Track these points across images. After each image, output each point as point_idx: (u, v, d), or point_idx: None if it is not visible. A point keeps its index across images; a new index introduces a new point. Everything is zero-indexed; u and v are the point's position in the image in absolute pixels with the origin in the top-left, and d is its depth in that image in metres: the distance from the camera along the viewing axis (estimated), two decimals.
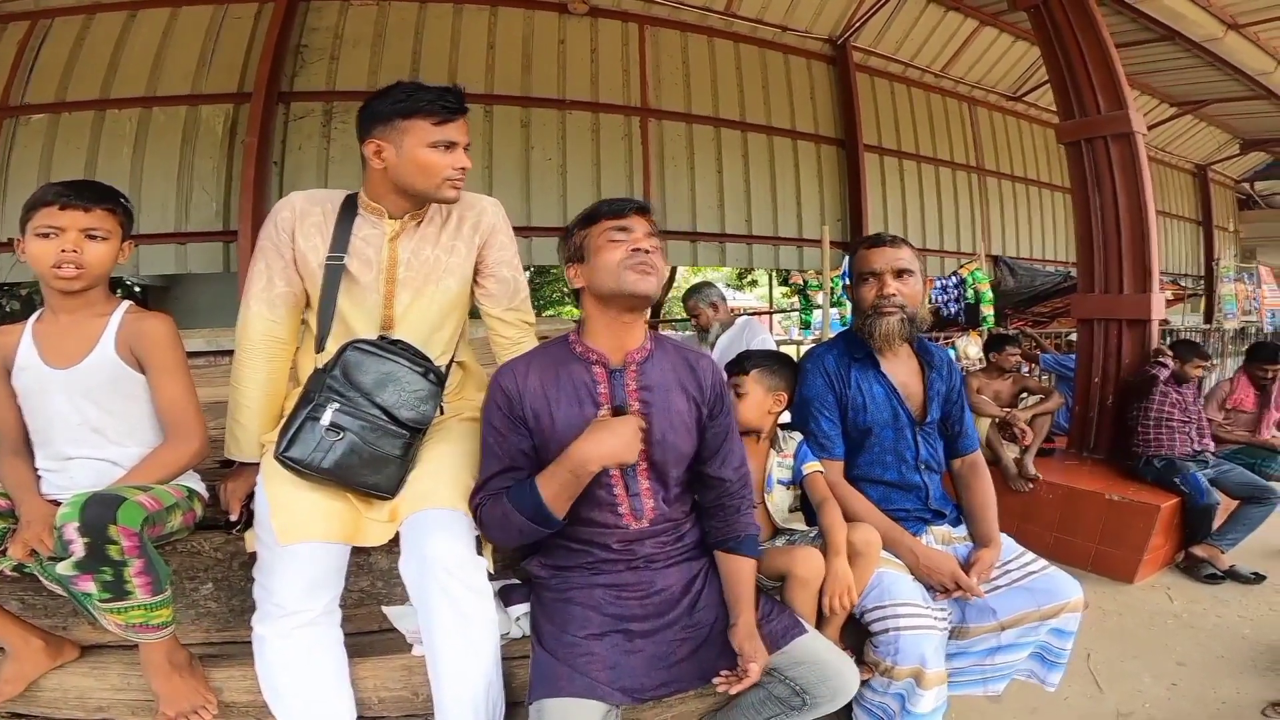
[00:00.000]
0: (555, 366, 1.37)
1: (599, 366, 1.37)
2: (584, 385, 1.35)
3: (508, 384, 1.36)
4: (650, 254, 1.31)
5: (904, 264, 1.74)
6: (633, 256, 1.30)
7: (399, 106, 1.39)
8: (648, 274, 1.30)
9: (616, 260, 1.30)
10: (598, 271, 1.33)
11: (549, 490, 1.27)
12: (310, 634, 1.30)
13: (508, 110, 6.44)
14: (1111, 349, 3.78)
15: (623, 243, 1.32)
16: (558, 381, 1.36)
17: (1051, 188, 9.96)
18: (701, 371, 1.42)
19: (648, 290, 1.30)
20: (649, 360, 1.39)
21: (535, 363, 1.39)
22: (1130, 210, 3.72)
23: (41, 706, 1.40)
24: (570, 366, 1.37)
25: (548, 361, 1.39)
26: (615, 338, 1.37)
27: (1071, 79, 3.85)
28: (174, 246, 5.64)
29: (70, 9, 5.46)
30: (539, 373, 1.37)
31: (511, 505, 1.29)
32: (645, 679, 1.27)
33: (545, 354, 1.41)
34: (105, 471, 1.40)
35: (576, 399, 1.34)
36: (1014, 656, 1.66)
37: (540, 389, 1.35)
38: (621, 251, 1.31)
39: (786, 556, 1.55)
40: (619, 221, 1.33)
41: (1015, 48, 8.43)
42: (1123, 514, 3.16)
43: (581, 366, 1.37)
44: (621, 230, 1.33)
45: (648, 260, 1.30)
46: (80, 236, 1.34)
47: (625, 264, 1.30)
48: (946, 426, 1.87)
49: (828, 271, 6.64)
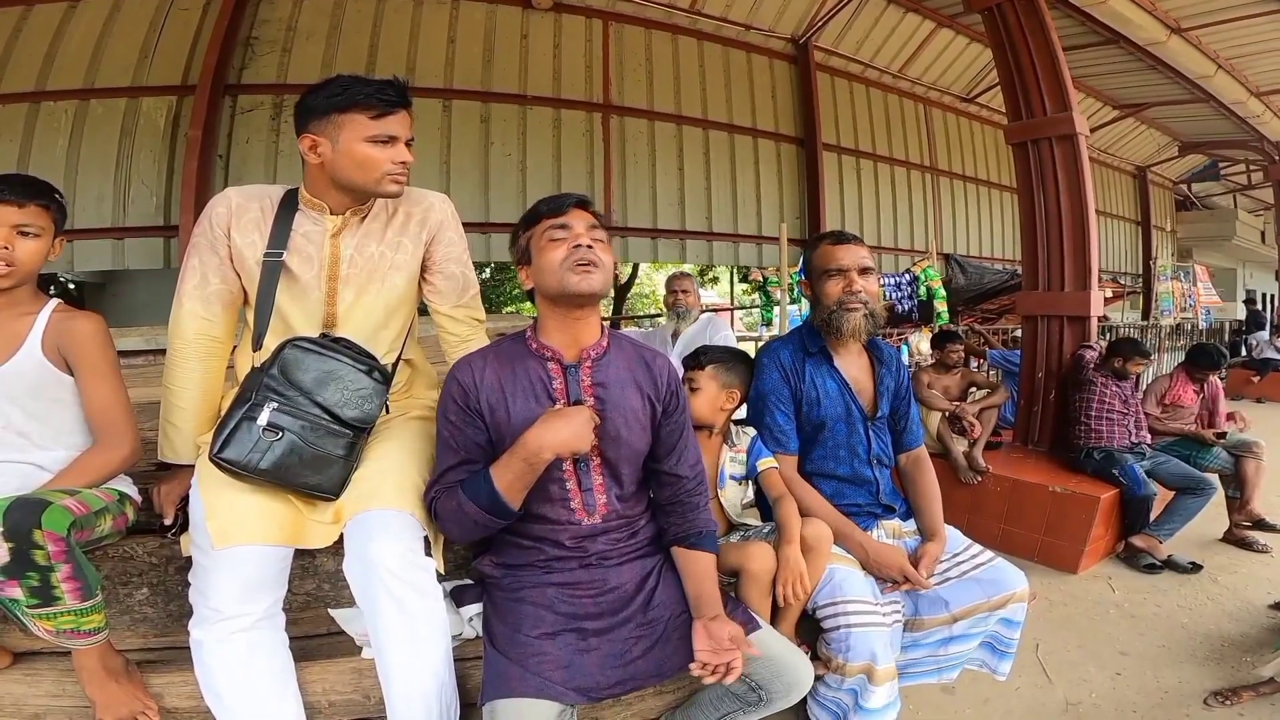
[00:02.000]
0: (511, 362, 1.37)
1: (554, 363, 1.37)
2: (539, 381, 1.35)
3: (464, 377, 1.35)
4: (591, 248, 1.30)
5: (867, 262, 1.79)
6: (573, 255, 1.29)
7: (335, 100, 1.36)
8: (589, 273, 1.29)
9: (559, 260, 1.30)
10: (542, 272, 1.33)
11: (503, 480, 1.26)
12: (250, 638, 1.26)
13: (467, 105, 6.37)
14: (1054, 344, 3.89)
15: (563, 241, 1.31)
16: (514, 377, 1.35)
17: (1001, 188, 10.28)
18: (657, 370, 1.43)
19: (590, 289, 1.30)
20: (605, 357, 1.39)
21: (492, 358, 1.38)
22: (1072, 210, 3.84)
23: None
24: (526, 362, 1.37)
25: (504, 357, 1.38)
26: (569, 334, 1.37)
27: (1020, 81, 3.96)
28: (111, 241, 5.42)
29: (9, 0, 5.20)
30: (495, 368, 1.36)
31: (466, 497, 1.28)
32: (600, 677, 1.26)
33: (502, 350, 1.40)
34: (30, 475, 1.34)
35: (532, 394, 1.34)
36: (966, 646, 1.70)
37: (497, 383, 1.35)
38: (562, 251, 1.30)
39: (739, 551, 1.57)
40: (558, 220, 1.33)
41: (969, 50, 8.67)
42: (1065, 505, 3.24)
43: (537, 363, 1.37)
44: (561, 228, 1.32)
45: (588, 256, 1.29)
46: (11, 233, 1.30)
47: (565, 264, 1.29)
48: (894, 422, 1.91)
49: (785, 268, 6.75)
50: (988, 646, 1.73)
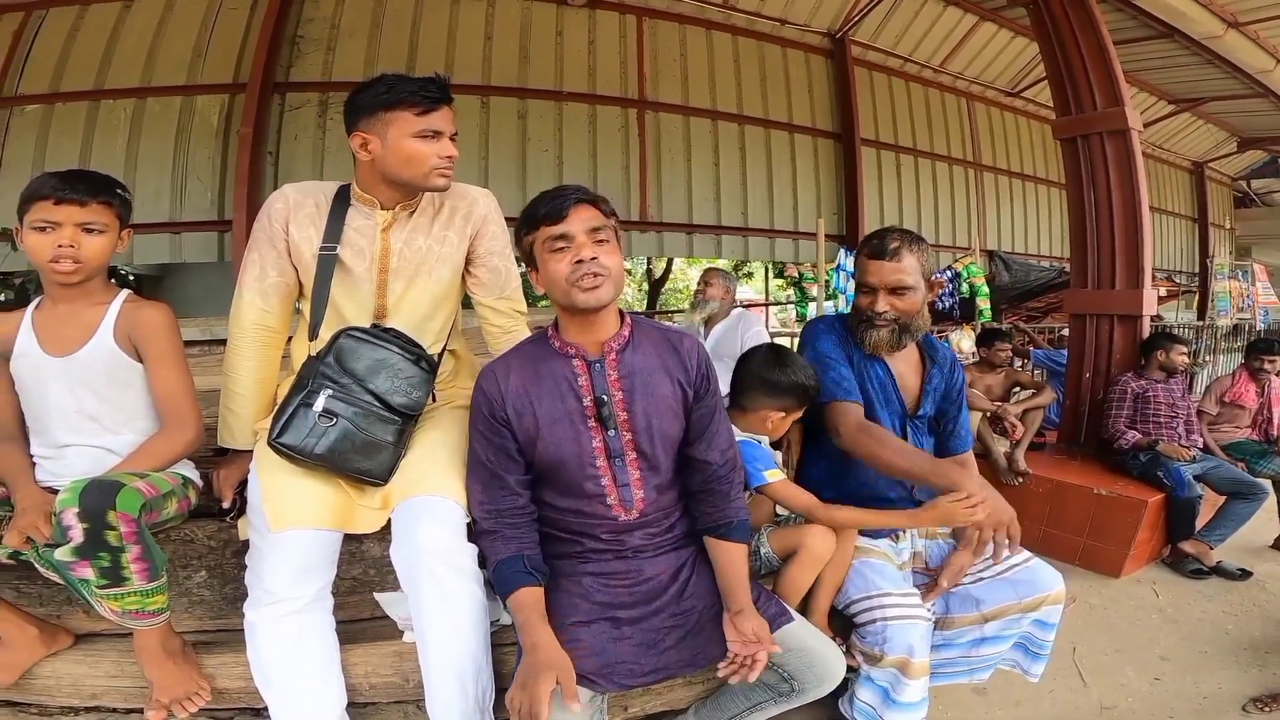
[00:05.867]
0: (535, 363, 1.38)
1: (578, 359, 1.36)
2: (564, 379, 1.35)
3: (489, 387, 1.36)
4: (596, 259, 1.26)
5: (902, 280, 1.68)
6: (576, 270, 1.25)
7: (382, 98, 1.40)
8: (595, 286, 1.26)
9: (562, 275, 1.27)
10: (549, 283, 1.31)
11: (517, 614, 1.29)
12: (300, 621, 1.31)
13: (504, 101, 6.42)
14: (1103, 344, 3.78)
15: (564, 252, 1.27)
16: (539, 378, 1.36)
17: (1047, 183, 9.96)
18: (685, 352, 1.40)
19: (601, 301, 1.28)
20: (628, 347, 1.37)
21: (515, 362, 1.39)
22: (1124, 206, 3.72)
23: (35, 694, 1.41)
24: (550, 362, 1.37)
25: (527, 359, 1.39)
26: (588, 333, 1.36)
27: (1069, 75, 3.84)
28: (168, 236, 5.62)
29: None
30: (519, 372, 1.37)
31: (495, 571, 1.33)
32: (632, 666, 1.28)
33: (525, 352, 1.41)
34: (101, 459, 1.40)
35: (558, 393, 1.35)
36: (998, 648, 1.68)
37: (522, 388, 1.35)
38: (565, 265, 1.27)
39: (800, 532, 1.57)
40: (557, 229, 1.28)
41: (1014, 44, 8.41)
42: (1110, 508, 3.16)
43: (561, 360, 1.37)
44: (561, 239, 1.27)
45: (593, 269, 1.25)
46: (77, 231, 1.33)
47: (570, 280, 1.26)
48: (940, 425, 1.86)
49: (823, 265, 6.66)
50: (1021, 647, 1.71)
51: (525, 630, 1.26)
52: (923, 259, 1.71)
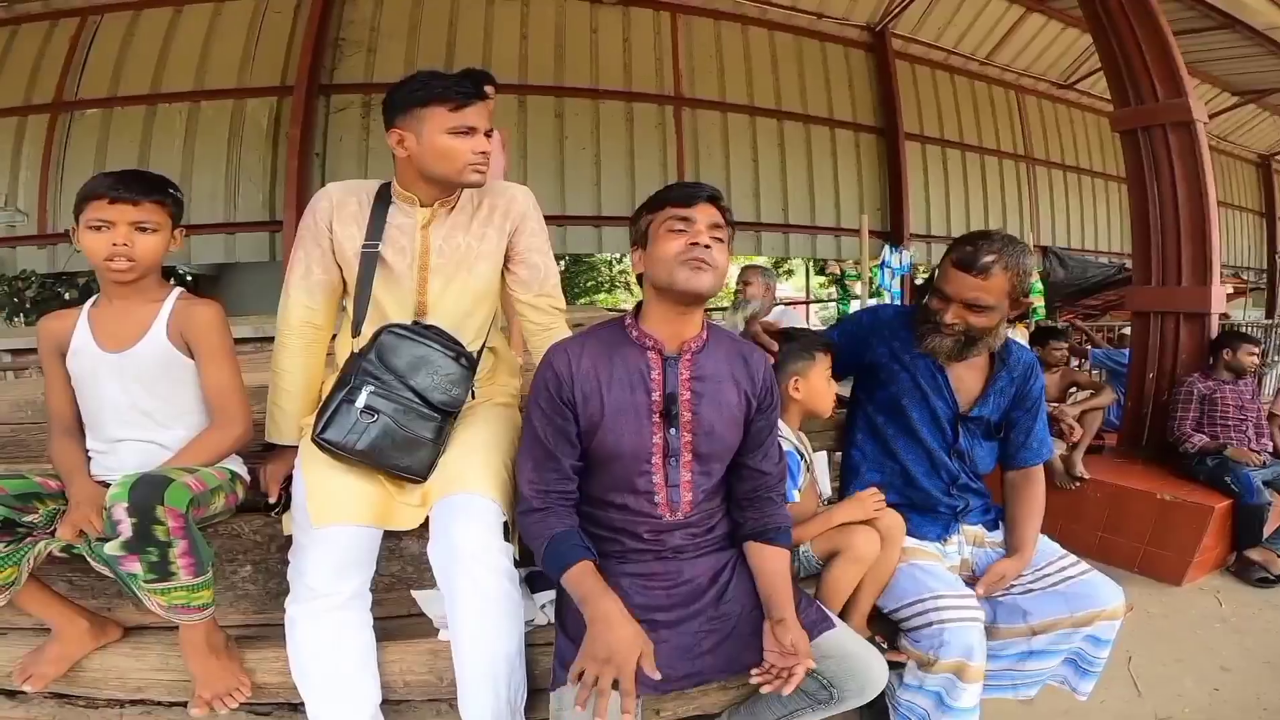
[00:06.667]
0: (610, 350, 1.35)
1: (654, 353, 1.33)
2: (638, 371, 1.33)
3: (560, 365, 1.33)
4: (709, 248, 1.25)
5: (980, 300, 1.54)
6: (689, 251, 1.24)
7: (416, 95, 1.40)
8: (701, 270, 1.24)
9: (673, 253, 1.25)
10: (655, 261, 1.28)
11: (574, 589, 1.24)
12: (339, 617, 1.31)
13: (541, 100, 6.47)
14: (1168, 343, 3.66)
15: (682, 234, 1.26)
16: (611, 365, 1.33)
17: (1104, 177, 9.62)
18: (754, 365, 1.39)
19: (701, 288, 1.25)
20: (704, 350, 1.35)
21: (589, 344, 1.36)
22: (1190, 200, 3.60)
23: (83, 687, 1.43)
24: (625, 350, 1.34)
25: (602, 344, 1.36)
26: (671, 326, 1.33)
27: (1126, 66, 3.74)
28: (223, 237, 5.83)
29: (118, 4, 5.65)
30: (592, 355, 1.34)
31: (545, 551, 1.27)
32: (668, 669, 1.24)
33: (600, 336, 1.38)
34: (152, 454, 1.42)
35: (629, 384, 1.32)
36: (1046, 664, 1.60)
37: (593, 371, 1.32)
38: (680, 244, 1.25)
39: (846, 535, 1.53)
40: (683, 211, 1.27)
41: (1065, 35, 8.16)
42: (1174, 514, 3.07)
43: (637, 351, 1.34)
44: (683, 220, 1.27)
45: (705, 256, 1.24)
46: (130, 230, 1.35)
47: (680, 258, 1.24)
48: (1009, 433, 1.75)
49: (866, 261, 6.52)
50: (1071, 663, 1.62)
51: (591, 601, 1.20)
52: (1016, 278, 1.55)
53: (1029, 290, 1.62)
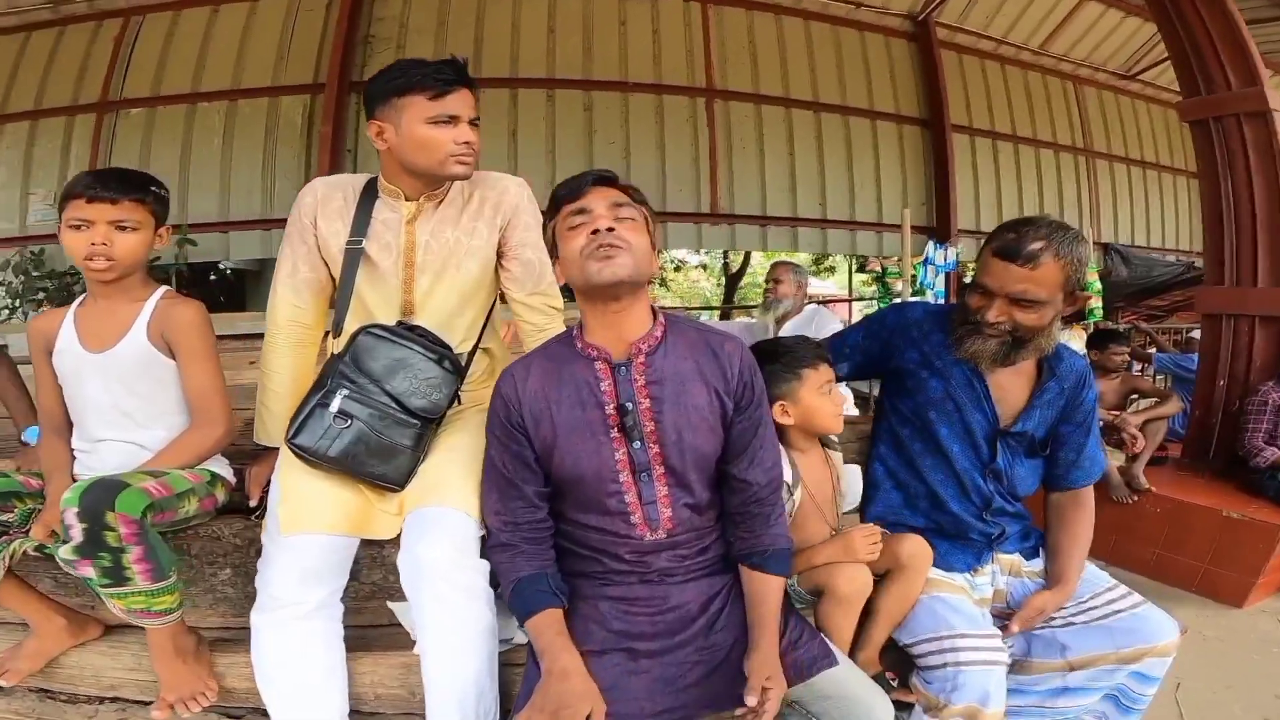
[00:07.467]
0: (558, 366, 1.25)
1: (601, 362, 1.22)
2: (586, 385, 1.22)
3: (506, 389, 1.26)
4: (613, 230, 1.16)
5: (1029, 292, 1.35)
6: (591, 241, 1.16)
7: (394, 84, 1.36)
8: (610, 256, 1.14)
9: (578, 249, 1.17)
10: (566, 265, 1.21)
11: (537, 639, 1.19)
12: (305, 626, 1.27)
13: (570, 94, 6.44)
14: (1241, 348, 3.39)
15: (582, 227, 1.18)
16: (559, 382, 1.23)
17: (1173, 171, 9.08)
18: (726, 357, 1.24)
19: (617, 275, 1.14)
20: (659, 350, 1.23)
21: (537, 363, 1.28)
22: (1268, 195, 3.33)
23: (60, 682, 1.44)
24: (573, 365, 1.24)
25: (551, 361, 1.27)
26: (612, 329, 1.22)
27: (1195, 54, 3.48)
28: (260, 232, 5.95)
29: (159, 4, 5.82)
30: (540, 374, 1.25)
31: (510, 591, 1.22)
32: (646, 703, 1.14)
33: (548, 353, 1.30)
34: (133, 454, 1.41)
35: (579, 400, 1.22)
36: (1082, 700, 1.44)
37: (541, 391, 1.23)
38: (581, 238, 1.18)
39: (827, 573, 1.39)
40: (575, 204, 1.20)
41: (1125, 24, 7.76)
42: (1239, 532, 2.86)
43: (584, 363, 1.24)
44: (579, 213, 1.19)
45: (610, 240, 1.15)
46: (109, 229, 1.34)
47: (585, 251, 1.16)
48: (1057, 451, 1.56)
49: (908, 258, 6.26)
50: (1111, 699, 1.45)
51: (550, 654, 1.15)
52: (1070, 268, 1.36)
53: (1084, 284, 1.43)
